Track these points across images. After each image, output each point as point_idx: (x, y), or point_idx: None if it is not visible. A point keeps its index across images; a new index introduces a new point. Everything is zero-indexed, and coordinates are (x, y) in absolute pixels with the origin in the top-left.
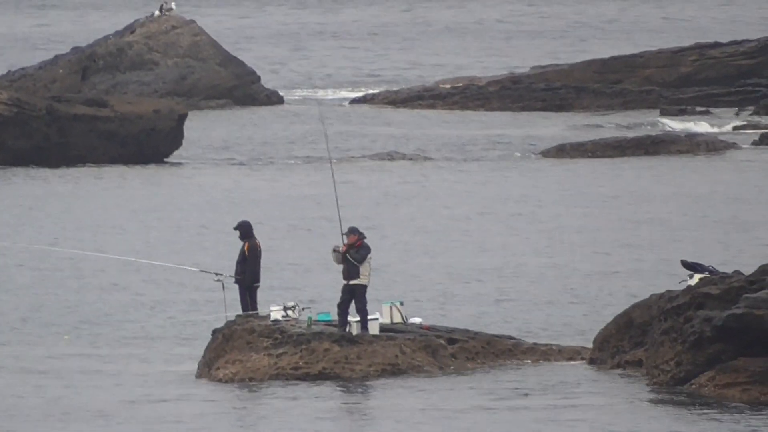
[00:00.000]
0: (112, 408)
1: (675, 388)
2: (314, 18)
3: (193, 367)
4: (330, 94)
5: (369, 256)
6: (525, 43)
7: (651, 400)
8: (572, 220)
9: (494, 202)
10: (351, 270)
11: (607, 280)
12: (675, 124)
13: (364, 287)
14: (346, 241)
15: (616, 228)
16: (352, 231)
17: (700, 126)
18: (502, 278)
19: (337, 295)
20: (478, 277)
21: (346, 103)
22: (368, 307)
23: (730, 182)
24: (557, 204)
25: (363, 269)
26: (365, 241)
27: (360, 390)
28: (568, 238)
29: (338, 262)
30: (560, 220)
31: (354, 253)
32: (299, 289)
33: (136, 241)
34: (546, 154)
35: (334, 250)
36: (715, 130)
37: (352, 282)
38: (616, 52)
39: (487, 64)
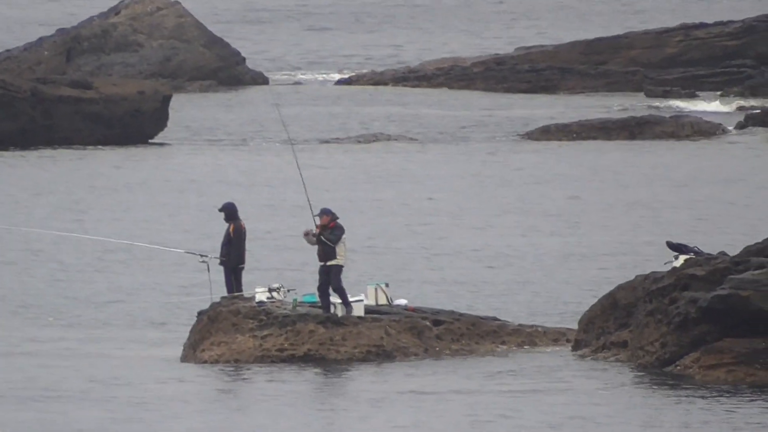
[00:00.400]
0: (93, 390)
1: (657, 371)
2: (296, 0)
3: (178, 348)
4: (315, 76)
5: (343, 236)
6: (509, 23)
7: (633, 384)
8: (556, 202)
9: (478, 184)
10: (327, 251)
11: (592, 261)
12: (682, 104)
13: (340, 267)
14: (318, 223)
15: (601, 209)
16: (325, 212)
17: (694, 106)
18: (485, 260)
19: None
20: (463, 259)
21: (331, 84)
22: (354, 289)
23: (714, 163)
24: (541, 186)
25: (339, 249)
26: (338, 221)
27: (342, 372)
28: (553, 220)
29: (312, 244)
30: (544, 202)
31: (329, 233)
32: (284, 270)
33: (121, 223)
34: (530, 135)
35: (306, 234)
36: (701, 110)
37: (329, 263)
38: (601, 33)
39: (472, 45)
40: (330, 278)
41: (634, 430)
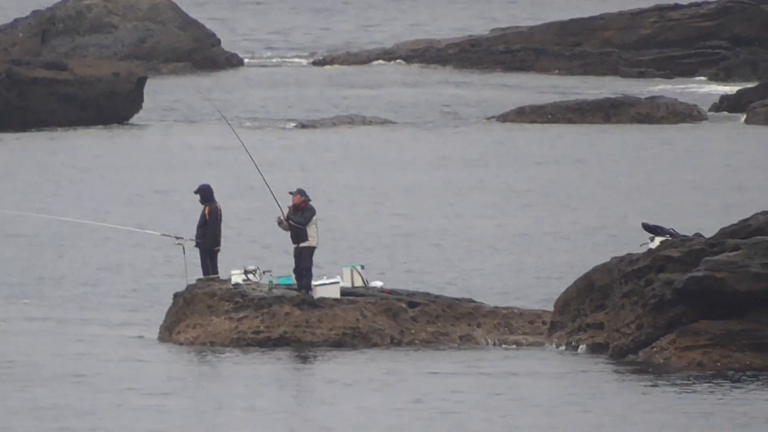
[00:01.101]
0: (69, 371)
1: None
2: None
3: (154, 330)
4: (290, 56)
5: (314, 217)
6: (484, 5)
7: (605, 371)
8: (532, 184)
9: (453, 166)
10: (299, 233)
11: (568, 243)
12: (663, 87)
13: (312, 249)
14: (291, 202)
15: (578, 191)
16: (299, 192)
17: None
18: (460, 242)
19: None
20: (438, 241)
21: (305, 66)
22: (329, 271)
23: (689, 145)
24: (516, 167)
25: (311, 231)
26: (310, 203)
27: (315, 356)
28: (527, 201)
29: (286, 230)
30: (519, 184)
31: (297, 216)
32: (260, 252)
33: (96, 204)
34: (505, 117)
35: (279, 223)
36: (676, 92)
37: (301, 244)
38: (575, 15)
39: (446, 27)
40: (301, 258)
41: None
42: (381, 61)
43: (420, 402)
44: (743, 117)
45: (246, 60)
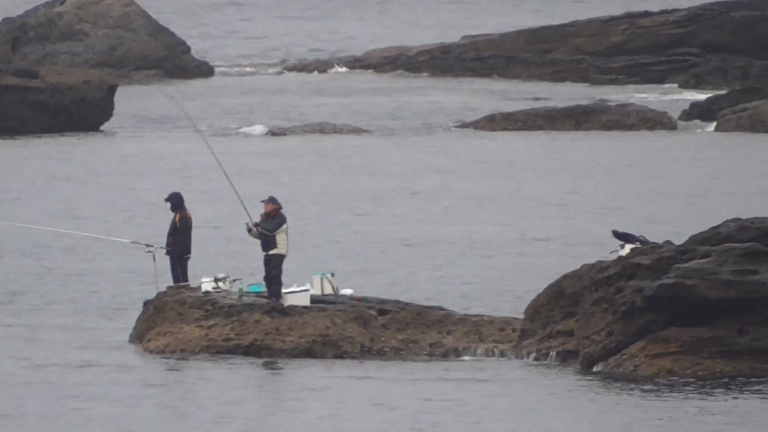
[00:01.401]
0: (37, 378)
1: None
2: None
3: (124, 338)
4: (261, 64)
5: (284, 225)
6: (455, 12)
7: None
8: (502, 191)
9: (424, 173)
10: (268, 240)
11: (538, 250)
12: (634, 94)
13: (281, 256)
14: (263, 210)
15: (548, 198)
16: (271, 200)
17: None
18: (431, 249)
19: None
20: (410, 248)
21: (277, 73)
22: (299, 279)
23: (659, 152)
24: (487, 174)
25: (279, 238)
26: (281, 211)
27: (285, 363)
28: (498, 209)
29: (256, 237)
30: (490, 191)
31: (266, 223)
32: (230, 260)
33: (67, 212)
34: (476, 124)
35: (247, 229)
36: (647, 99)
37: (270, 252)
38: (546, 22)
39: (417, 33)
40: (270, 266)
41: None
42: (352, 69)
43: (390, 409)
44: (714, 124)
45: (216, 68)
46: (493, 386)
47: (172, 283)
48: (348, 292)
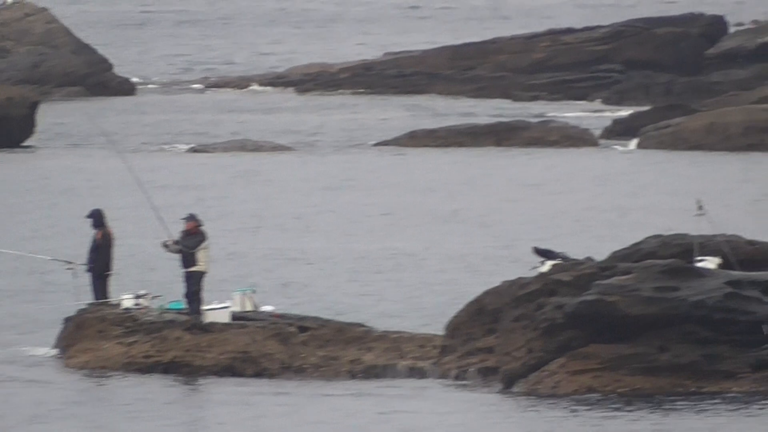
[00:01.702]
0: None
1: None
2: (163, 6)
3: (45, 354)
4: (183, 81)
5: (205, 243)
6: (377, 29)
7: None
8: (424, 207)
9: (345, 189)
10: (187, 257)
11: (460, 267)
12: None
13: (201, 273)
14: (183, 227)
15: (469, 215)
16: (190, 217)
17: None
18: (351, 266)
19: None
20: (329, 265)
21: (197, 91)
22: (219, 296)
23: (581, 169)
24: (409, 191)
25: (200, 255)
26: (202, 228)
27: (205, 380)
28: (419, 224)
29: (175, 252)
30: (411, 207)
31: (185, 240)
32: (150, 276)
33: None
34: (398, 141)
35: (164, 245)
36: (569, 115)
37: (191, 269)
38: (468, 39)
39: (338, 51)
40: (190, 283)
41: None
42: (273, 86)
43: (309, 426)
44: (636, 141)
45: (138, 85)
46: (413, 403)
47: (93, 300)
48: (268, 308)
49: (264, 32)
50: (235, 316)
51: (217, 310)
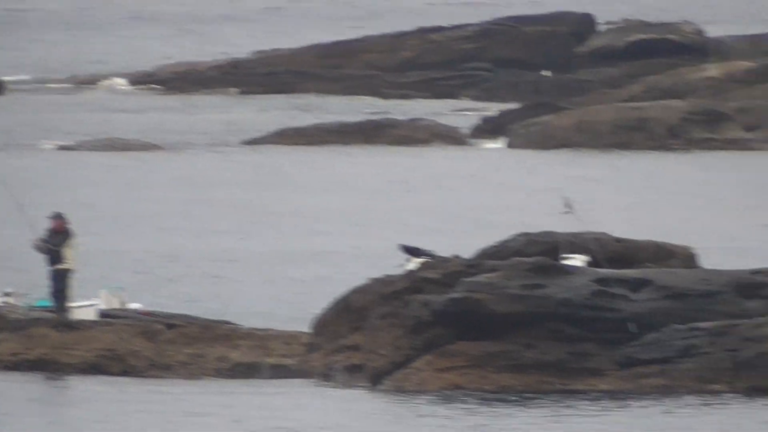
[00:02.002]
0: None
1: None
2: (33, 4)
3: None
4: (51, 80)
5: (72, 240)
6: (245, 28)
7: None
8: (290, 205)
9: (213, 187)
10: (54, 255)
11: (327, 264)
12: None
13: (68, 271)
14: (50, 226)
15: (338, 212)
16: (56, 216)
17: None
18: (218, 263)
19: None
20: (197, 263)
21: (65, 89)
22: (86, 294)
23: (449, 167)
24: (273, 189)
25: (67, 253)
26: (69, 226)
27: (71, 378)
28: (288, 223)
29: (44, 252)
30: (278, 205)
31: (52, 238)
32: (18, 274)
33: None
34: (267, 139)
35: (35, 244)
36: (438, 113)
37: (58, 267)
38: (337, 37)
39: (207, 49)
40: (57, 281)
41: None
42: (142, 85)
43: (171, 424)
44: (504, 139)
45: (6, 84)
46: (278, 400)
47: None
48: (136, 306)
49: (132, 31)
50: (103, 314)
51: (84, 307)
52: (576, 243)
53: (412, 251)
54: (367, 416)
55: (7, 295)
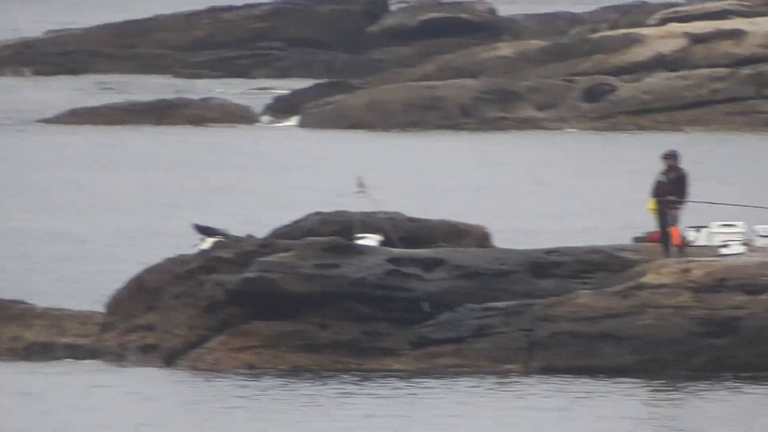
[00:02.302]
0: None
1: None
2: None
3: None
4: None
5: None
6: (37, 7)
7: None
8: (83, 186)
9: (4, 168)
10: None
11: (120, 244)
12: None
13: None
14: None
15: (128, 192)
16: None
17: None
18: (16, 242)
19: None
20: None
21: None
22: None
23: (241, 146)
24: (68, 169)
25: None
26: None
27: None
28: (82, 202)
29: None
30: (70, 186)
31: None
32: None
33: None
34: (59, 119)
35: None
36: (230, 93)
37: None
38: (130, 16)
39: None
40: None
41: None
42: None
43: None
44: (297, 118)
45: None
46: (71, 380)
47: None
48: None
49: None
50: None
51: None
52: (369, 223)
53: (206, 231)
54: (159, 395)
55: None
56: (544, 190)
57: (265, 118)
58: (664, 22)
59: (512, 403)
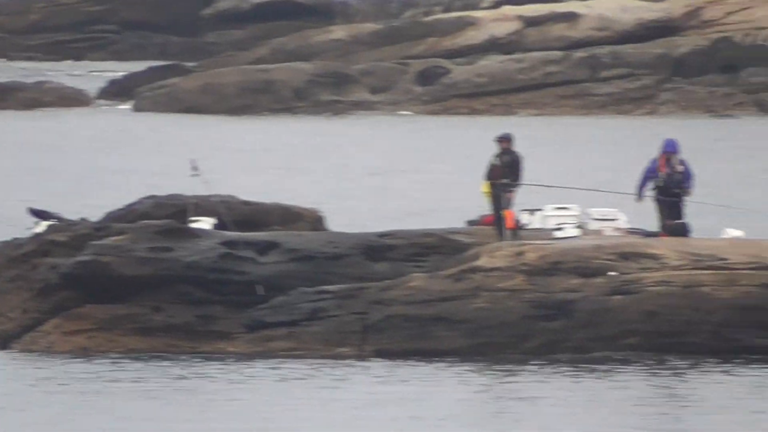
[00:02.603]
0: None
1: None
2: None
3: None
4: None
5: None
6: None
7: None
8: None
9: None
10: None
11: None
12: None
13: None
14: None
15: None
16: None
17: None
18: None
19: None
20: None
21: None
22: None
23: (75, 129)
24: None
25: None
26: None
27: None
28: None
29: None
30: None
31: None
32: None
33: None
34: None
35: None
36: (65, 76)
37: None
38: None
39: None
40: None
41: None
42: None
43: None
44: (131, 102)
45: None
46: None
47: None
48: None
49: None
50: None
51: None
52: (203, 206)
53: (40, 214)
54: None
55: None
56: (377, 173)
57: (100, 102)
58: (497, 5)
59: (340, 385)
